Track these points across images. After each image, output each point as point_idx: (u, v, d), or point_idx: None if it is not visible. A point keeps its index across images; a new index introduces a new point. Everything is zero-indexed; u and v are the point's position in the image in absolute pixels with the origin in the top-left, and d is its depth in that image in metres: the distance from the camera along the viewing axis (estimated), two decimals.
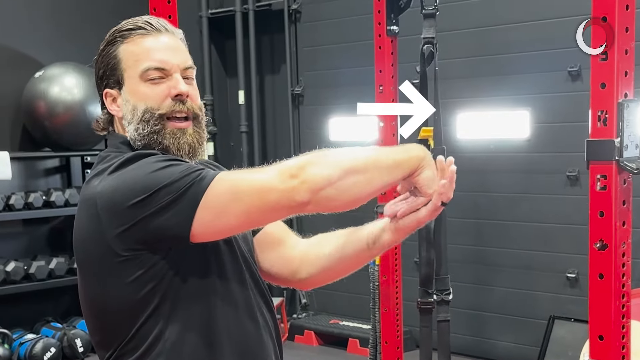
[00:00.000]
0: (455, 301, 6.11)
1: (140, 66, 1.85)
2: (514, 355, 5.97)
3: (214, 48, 7.89)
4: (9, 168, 6.16)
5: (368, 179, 1.69)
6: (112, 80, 1.88)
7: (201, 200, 1.66)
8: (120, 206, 1.69)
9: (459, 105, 6.18)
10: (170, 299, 1.76)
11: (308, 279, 2.04)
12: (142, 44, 1.87)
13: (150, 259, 1.73)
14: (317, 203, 1.66)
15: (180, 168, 1.72)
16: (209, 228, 1.70)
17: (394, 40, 4.22)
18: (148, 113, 1.83)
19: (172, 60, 1.87)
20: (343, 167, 1.66)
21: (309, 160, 1.67)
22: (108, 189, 1.73)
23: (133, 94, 1.86)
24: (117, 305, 1.77)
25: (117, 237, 1.71)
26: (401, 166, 1.73)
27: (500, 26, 5.97)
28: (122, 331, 1.78)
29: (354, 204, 1.73)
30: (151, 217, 1.67)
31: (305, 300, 7.15)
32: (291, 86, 7.33)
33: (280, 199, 1.64)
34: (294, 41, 7.36)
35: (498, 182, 6.07)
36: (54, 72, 6.50)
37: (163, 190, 1.67)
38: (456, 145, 6.19)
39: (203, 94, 7.68)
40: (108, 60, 1.88)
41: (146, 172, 1.71)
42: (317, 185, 1.63)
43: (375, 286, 4.18)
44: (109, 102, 1.89)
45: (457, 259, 6.16)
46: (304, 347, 6.59)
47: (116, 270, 1.74)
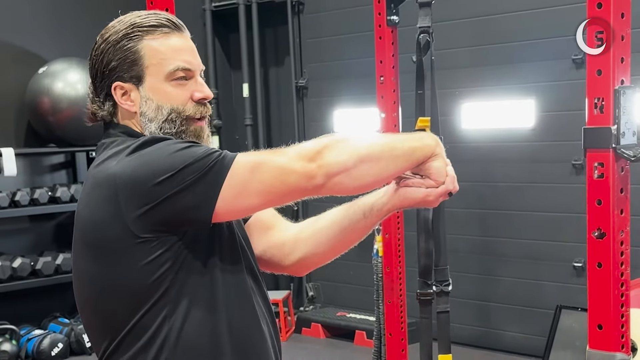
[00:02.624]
0: (461, 292, 6.13)
1: (168, 66, 1.85)
2: (521, 346, 5.95)
3: (218, 41, 7.87)
4: (14, 164, 6.17)
5: (382, 167, 1.74)
6: (128, 75, 1.85)
7: (225, 179, 1.69)
8: (143, 185, 1.70)
9: (463, 95, 6.15)
10: (179, 284, 1.77)
11: (302, 260, 2.06)
12: (167, 42, 1.87)
13: (168, 241, 1.74)
14: (330, 188, 1.71)
15: (202, 149, 1.74)
16: (231, 207, 1.72)
17: (394, 30, 4.19)
18: (174, 113, 1.85)
19: (195, 61, 1.90)
20: (359, 154, 1.71)
21: (327, 144, 1.71)
22: (128, 169, 1.72)
23: (156, 92, 1.86)
24: (127, 289, 1.76)
25: (138, 218, 1.70)
26: (414, 154, 1.78)
27: (504, 15, 5.94)
28: (126, 317, 1.77)
29: (366, 189, 1.80)
30: (176, 195, 1.69)
31: (312, 293, 7.14)
32: (295, 78, 7.31)
33: (299, 181, 1.70)
34: (297, 33, 7.34)
35: (503, 172, 6.04)
36: (57, 67, 6.51)
37: (187, 169, 1.68)
38: (461, 135, 6.17)
39: None
40: (126, 54, 1.85)
41: (169, 152, 1.72)
42: (333, 170, 1.69)
43: (378, 278, 4.17)
44: (118, 94, 1.87)
45: (462, 249, 6.14)
46: (311, 339, 6.58)
47: (131, 253, 1.73)
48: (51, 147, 6.66)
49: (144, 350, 1.77)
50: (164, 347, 1.77)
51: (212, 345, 1.80)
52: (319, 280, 7.20)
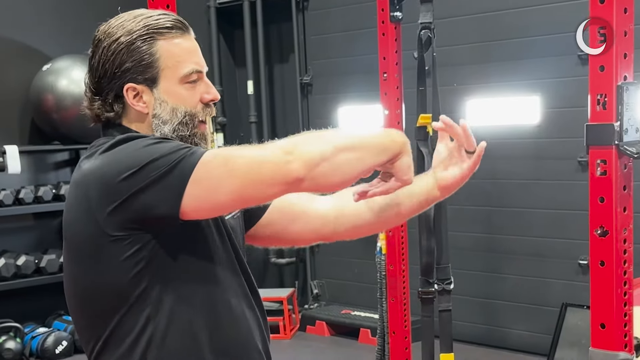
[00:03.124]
0: (466, 290, 6.10)
1: (183, 68, 1.83)
2: (526, 344, 5.92)
3: (222, 38, 7.85)
4: (18, 162, 6.16)
5: (359, 157, 1.71)
6: (142, 77, 1.83)
7: (192, 174, 1.65)
8: (110, 182, 1.68)
9: (468, 92, 6.12)
10: (160, 283, 1.74)
11: (346, 233, 2.10)
12: (181, 45, 1.86)
13: (141, 239, 1.71)
14: (313, 179, 1.66)
15: (172, 144, 1.71)
16: (200, 204, 1.68)
17: (397, 26, 4.15)
18: (188, 116, 1.84)
19: (204, 63, 1.89)
20: (336, 144, 1.68)
21: (303, 138, 1.69)
22: (98, 167, 1.71)
23: (171, 95, 1.84)
24: (106, 288, 1.75)
25: (108, 216, 1.68)
26: (386, 150, 1.76)
27: (508, 11, 5.90)
28: (109, 317, 1.75)
29: (347, 183, 1.76)
30: (141, 192, 1.66)
31: (316, 291, 7.12)
32: (300, 75, 7.28)
33: (275, 173, 1.64)
34: (301, 30, 7.31)
35: (508, 169, 6.01)
36: (61, 65, 6.49)
37: (152, 164, 1.66)
38: None
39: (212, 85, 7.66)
40: (141, 55, 1.82)
41: (136, 148, 1.70)
42: (313, 160, 1.64)
43: (382, 276, 4.15)
44: (130, 96, 1.84)
45: (467, 247, 6.12)
46: (315, 337, 6.57)
47: (106, 251, 1.71)
48: (55, 145, 6.64)
49: (129, 351, 1.75)
50: (150, 348, 1.75)
51: (198, 346, 1.78)
52: (324, 278, 7.18)
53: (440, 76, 5.92)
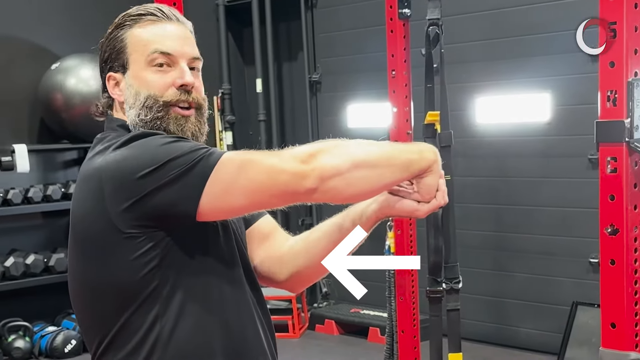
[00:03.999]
0: (475, 288, 6.07)
1: (147, 50, 1.83)
2: (536, 343, 5.88)
3: (231, 36, 7.84)
4: (27, 161, 6.17)
5: (378, 175, 1.68)
6: (117, 64, 1.85)
7: (210, 175, 1.64)
8: (127, 179, 1.66)
9: (478, 89, 6.09)
10: (170, 282, 1.73)
11: (296, 275, 1.99)
12: (152, 29, 1.85)
13: (154, 237, 1.69)
14: (324, 192, 1.64)
15: (189, 144, 1.70)
16: (216, 205, 1.67)
17: (405, 23, 4.14)
18: (151, 99, 1.81)
19: (180, 48, 1.85)
20: (355, 159, 1.65)
21: (322, 147, 1.66)
22: (113, 162, 1.69)
23: (137, 78, 1.84)
24: (114, 286, 1.72)
25: (123, 212, 1.67)
26: (412, 167, 1.72)
27: (518, 7, 5.87)
28: (116, 316, 1.73)
29: (361, 198, 1.75)
30: (159, 190, 1.64)
31: (325, 289, 7.09)
32: (309, 73, 7.26)
33: (289, 182, 1.63)
34: (310, 28, 7.29)
35: (518, 167, 5.98)
36: (70, 63, 6.49)
37: (172, 162, 1.64)
38: (475, 129, 6.11)
39: (220, 83, 7.66)
40: (115, 43, 1.85)
41: (155, 145, 1.68)
42: (326, 173, 1.62)
43: (390, 274, 4.12)
44: (111, 85, 1.87)
45: (476, 245, 6.09)
46: (324, 336, 6.55)
47: (118, 248, 1.69)
48: (64, 144, 6.64)
49: (135, 350, 1.73)
50: (156, 348, 1.72)
51: (206, 347, 1.76)
52: (332, 277, 7.14)
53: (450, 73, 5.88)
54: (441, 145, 2.60)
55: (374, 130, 5.85)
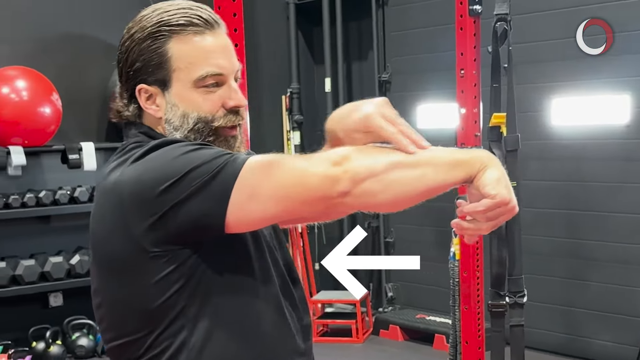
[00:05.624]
0: (545, 296, 5.85)
1: (196, 71, 1.67)
2: (611, 355, 5.63)
3: (302, 35, 7.74)
4: (94, 159, 6.18)
5: (418, 175, 1.51)
6: (153, 78, 1.69)
7: (235, 182, 1.51)
8: (148, 194, 1.53)
9: (554, 90, 5.87)
10: (198, 301, 1.61)
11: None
12: (197, 44, 1.69)
13: (181, 254, 1.57)
14: (358, 196, 1.49)
15: (212, 151, 1.57)
16: (243, 214, 1.53)
17: (476, 20, 3.97)
18: (202, 123, 1.68)
19: (228, 64, 1.71)
20: (391, 159, 1.50)
21: (357, 149, 1.53)
22: (133, 177, 1.57)
23: (183, 99, 1.69)
24: (140, 308, 1.61)
25: (147, 230, 1.54)
26: (460, 166, 1.52)
27: (598, 5, 5.62)
28: (143, 337, 1.62)
29: (401, 204, 1.55)
30: (183, 203, 1.52)
31: (391, 294, 6.94)
32: (378, 73, 7.12)
33: (320, 185, 1.50)
34: (381, 26, 7.15)
35: (594, 171, 5.73)
36: None
37: (194, 172, 1.52)
38: (551, 131, 5.90)
39: (289, 82, 7.57)
40: (151, 55, 1.68)
41: (175, 156, 1.55)
42: (359, 174, 1.48)
43: (455, 282, 3.95)
44: (143, 98, 1.71)
45: (548, 252, 5.88)
46: (388, 342, 6.39)
47: (142, 269, 1.58)
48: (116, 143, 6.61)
49: None
50: None
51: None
52: (399, 281, 6.99)
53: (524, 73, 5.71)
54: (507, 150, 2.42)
55: (444, 131, 5.70)
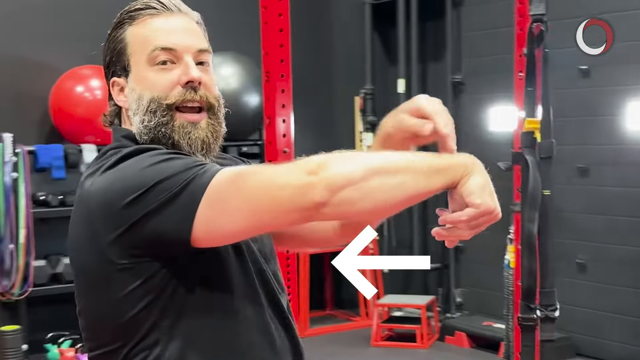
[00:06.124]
0: (617, 307, 5.63)
1: (147, 48, 1.64)
2: None
3: (378, 36, 7.68)
4: None
5: (398, 183, 1.41)
6: (119, 67, 1.68)
7: (203, 196, 1.45)
8: (114, 207, 1.49)
9: (631, 93, 5.65)
10: (172, 315, 1.55)
11: (342, 234, 1.83)
12: (151, 24, 1.66)
13: (150, 267, 1.52)
14: (336, 205, 1.39)
15: (181, 162, 1.50)
16: (212, 229, 1.47)
17: None
18: (154, 103, 1.62)
19: (183, 41, 1.65)
20: (369, 166, 1.41)
21: (332, 157, 1.43)
22: (101, 188, 1.53)
23: (139, 81, 1.65)
24: (111, 321, 1.57)
25: (113, 243, 1.50)
26: (442, 172, 1.44)
27: None
28: (117, 349, 1.58)
29: (382, 212, 1.49)
30: (149, 216, 1.47)
31: (459, 300, 6.81)
32: (452, 74, 7.00)
33: (293, 196, 1.40)
34: (456, 26, 7.02)
35: None
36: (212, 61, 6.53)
37: (161, 184, 1.46)
38: (625, 136, 5.69)
39: (363, 84, 7.51)
40: (115, 45, 1.67)
41: (144, 166, 1.50)
42: (336, 183, 1.38)
43: (509, 292, 3.84)
44: (116, 92, 1.69)
45: (625, 261, 5.67)
46: (453, 348, 6.27)
47: (111, 281, 1.53)
48: None
49: None
50: None
51: None
52: (468, 287, 6.86)
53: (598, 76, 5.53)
54: (541, 157, 2.31)
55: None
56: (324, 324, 6.86)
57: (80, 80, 6.00)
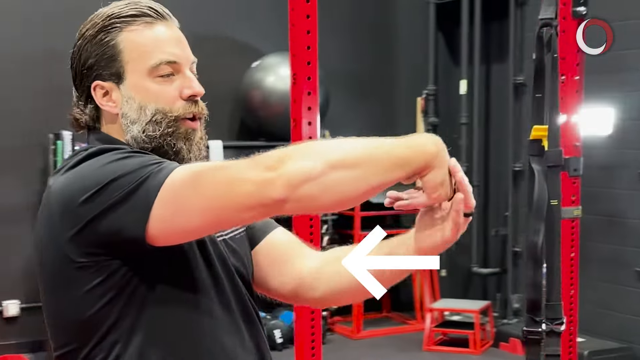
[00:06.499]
0: None
1: (149, 60, 1.64)
2: None
3: (442, 36, 7.58)
4: (221, 157, 6.30)
5: (359, 176, 1.41)
6: (108, 73, 1.66)
7: (158, 194, 1.44)
8: (71, 205, 1.50)
9: None
10: (132, 315, 1.55)
11: (324, 299, 1.80)
12: (149, 33, 1.66)
13: (109, 265, 1.52)
14: (297, 201, 1.39)
15: (138, 160, 1.51)
16: (168, 227, 1.46)
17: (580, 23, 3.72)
18: (160, 114, 1.63)
19: (183, 54, 1.67)
20: (329, 160, 1.40)
21: (292, 150, 1.41)
22: (60, 188, 1.54)
23: (139, 91, 1.65)
24: (71, 320, 1.57)
25: (71, 241, 1.51)
26: (404, 164, 1.45)
27: None
28: (77, 350, 1.58)
29: (344, 204, 1.46)
30: (104, 214, 1.47)
31: (517, 305, 6.66)
32: (513, 75, 6.85)
33: (251, 193, 1.39)
34: (519, 26, 6.88)
35: None
36: (270, 61, 6.58)
37: (116, 182, 1.46)
38: None
39: (425, 84, 7.42)
40: (103, 49, 1.66)
41: (99, 166, 1.50)
42: (296, 179, 1.38)
43: None
44: (99, 95, 1.68)
45: None
46: (507, 355, 6.13)
47: (71, 279, 1.54)
48: (260, 141, 6.67)
49: None
50: None
51: None
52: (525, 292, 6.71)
53: None
54: (548, 166, 2.23)
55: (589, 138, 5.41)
56: (378, 326, 6.81)
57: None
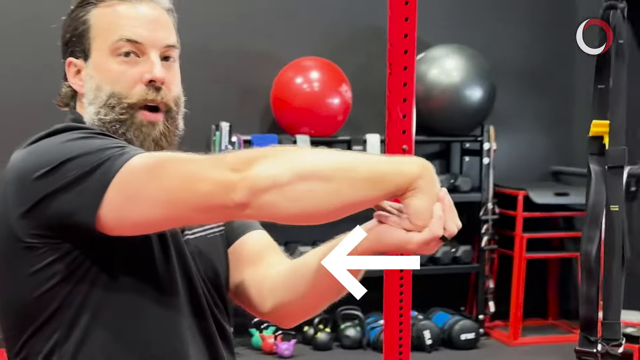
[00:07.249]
0: None
1: (112, 36, 1.57)
2: None
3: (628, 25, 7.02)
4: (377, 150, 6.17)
5: (333, 190, 1.28)
6: (78, 49, 1.61)
7: (113, 179, 1.35)
8: (24, 180, 1.43)
9: None
10: (76, 304, 1.47)
11: (279, 309, 1.64)
12: (119, 10, 1.58)
13: (57, 249, 1.45)
14: (259, 208, 1.28)
15: (100, 141, 1.42)
16: (120, 216, 1.37)
17: None
18: (114, 99, 1.55)
19: (150, 34, 1.57)
20: (300, 169, 1.27)
21: (261, 154, 1.29)
22: (19, 161, 1.47)
23: (99, 70, 1.58)
24: (13, 302, 1.51)
25: (21, 218, 1.44)
26: (383, 182, 1.29)
27: None
28: (16, 337, 1.52)
29: (312, 218, 1.32)
30: (55, 195, 1.39)
31: None
32: None
33: (212, 193, 1.29)
34: None
35: None
36: (435, 54, 6.39)
37: (71, 162, 1.38)
38: None
39: None
40: (76, 24, 1.61)
41: (58, 142, 1.43)
42: (259, 184, 1.26)
43: None
44: (71, 73, 1.62)
45: None
46: None
47: (17, 259, 1.47)
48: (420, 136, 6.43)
49: None
50: None
51: None
52: None
53: None
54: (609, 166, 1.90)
55: None
56: (540, 333, 6.42)
57: (301, 71, 6.09)
